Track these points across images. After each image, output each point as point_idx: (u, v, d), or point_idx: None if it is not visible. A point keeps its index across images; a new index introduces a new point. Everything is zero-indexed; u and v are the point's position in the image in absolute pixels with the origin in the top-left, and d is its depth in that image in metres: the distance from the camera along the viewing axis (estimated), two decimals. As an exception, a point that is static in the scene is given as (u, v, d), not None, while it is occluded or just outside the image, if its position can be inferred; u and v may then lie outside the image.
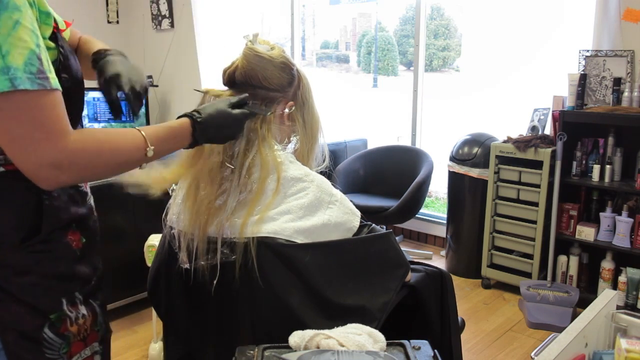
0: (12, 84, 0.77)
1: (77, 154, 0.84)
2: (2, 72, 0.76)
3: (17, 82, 0.77)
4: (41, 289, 0.95)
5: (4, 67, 0.77)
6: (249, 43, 1.28)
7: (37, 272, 0.94)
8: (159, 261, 1.33)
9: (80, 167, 0.85)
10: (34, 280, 0.94)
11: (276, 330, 1.12)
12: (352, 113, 7.05)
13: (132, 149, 0.93)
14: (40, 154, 0.80)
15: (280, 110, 1.30)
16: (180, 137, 1.03)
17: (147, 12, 4.82)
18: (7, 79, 0.76)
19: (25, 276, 0.93)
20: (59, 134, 0.81)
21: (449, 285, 1.46)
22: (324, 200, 1.24)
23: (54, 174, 0.82)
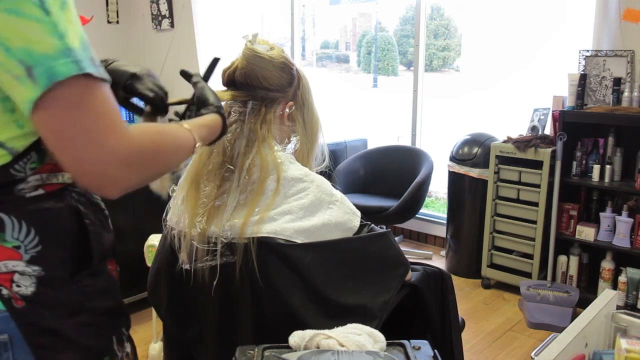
0: (79, 67, 0.66)
1: (144, 147, 0.73)
2: (64, 55, 0.66)
3: (82, 64, 0.67)
4: (94, 329, 0.84)
5: (65, 49, 0.66)
6: (248, 43, 1.28)
7: (89, 310, 0.83)
8: (159, 261, 1.33)
9: (147, 163, 0.75)
10: (87, 320, 0.83)
11: (277, 330, 1.12)
12: (352, 113, 7.05)
13: (185, 147, 0.84)
14: (109, 148, 0.68)
15: (280, 111, 1.30)
16: (216, 127, 0.97)
17: (147, 12, 4.82)
18: (71, 62, 0.66)
19: (77, 316, 0.81)
20: (123, 126, 0.70)
21: (449, 285, 1.46)
22: (324, 200, 1.24)
23: (125, 173, 0.71)
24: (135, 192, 1.03)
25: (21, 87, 0.66)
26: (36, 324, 0.77)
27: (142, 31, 4.84)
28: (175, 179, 1.32)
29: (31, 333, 0.77)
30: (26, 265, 0.77)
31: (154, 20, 4.79)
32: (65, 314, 0.80)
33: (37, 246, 0.78)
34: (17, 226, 0.76)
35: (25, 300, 0.77)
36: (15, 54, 0.65)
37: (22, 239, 0.77)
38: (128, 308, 0.94)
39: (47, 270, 0.78)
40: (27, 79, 0.65)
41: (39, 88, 0.65)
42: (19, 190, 0.77)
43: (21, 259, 0.77)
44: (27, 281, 0.77)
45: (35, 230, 0.77)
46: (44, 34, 0.66)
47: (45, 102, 0.66)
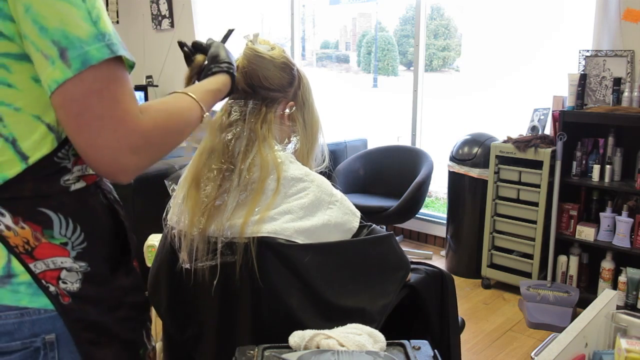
0: (111, 50, 0.69)
1: (151, 132, 0.75)
2: (98, 39, 0.68)
3: (114, 48, 0.69)
4: (132, 322, 0.88)
5: (99, 34, 0.68)
6: (249, 43, 1.29)
7: (126, 304, 0.86)
8: (159, 261, 1.33)
9: (156, 146, 0.77)
10: (125, 314, 0.86)
11: (276, 330, 1.12)
12: (352, 113, 7.05)
13: (193, 119, 0.86)
14: (120, 135, 0.71)
15: (281, 111, 1.30)
16: (223, 94, 1.02)
17: (147, 12, 4.82)
18: (104, 46, 0.68)
19: (117, 311, 0.85)
20: (136, 113, 0.73)
21: (449, 286, 1.46)
22: (325, 200, 1.24)
23: (133, 160, 0.73)
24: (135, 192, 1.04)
25: (51, 68, 0.67)
26: (82, 319, 0.79)
27: (142, 31, 4.84)
28: (175, 179, 1.32)
29: (78, 329, 0.79)
30: (74, 261, 0.79)
31: (154, 20, 4.79)
32: (107, 309, 0.83)
33: (83, 242, 0.80)
34: (64, 223, 0.78)
35: (72, 296, 0.79)
36: (50, 34, 0.67)
37: (69, 236, 0.78)
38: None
39: (92, 266, 0.81)
40: (59, 59, 0.67)
41: (70, 71, 0.67)
42: (64, 181, 0.78)
43: (69, 256, 0.78)
44: (73, 277, 0.79)
45: (80, 227, 0.79)
46: (80, 19, 0.68)
47: (72, 85, 0.68)
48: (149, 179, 2.63)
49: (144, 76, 4.71)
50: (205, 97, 0.91)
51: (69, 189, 0.79)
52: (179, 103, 0.86)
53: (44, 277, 0.76)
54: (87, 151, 0.72)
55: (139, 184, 2.59)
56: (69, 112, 0.69)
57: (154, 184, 2.46)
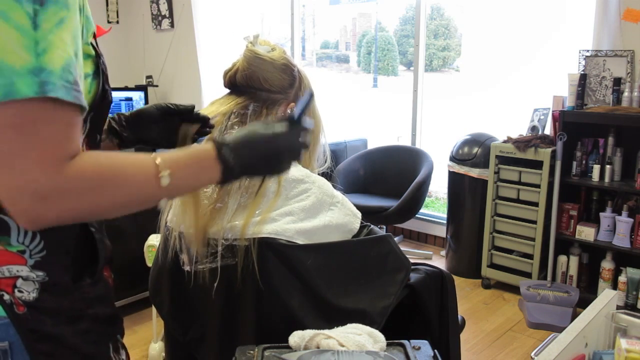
0: (42, 90, 0.62)
1: (71, 182, 0.66)
2: (32, 74, 0.61)
3: (48, 87, 0.62)
4: (94, 335, 0.82)
5: (36, 68, 0.62)
6: (249, 44, 1.28)
7: (89, 317, 0.81)
8: (160, 262, 1.33)
9: (72, 200, 0.67)
10: (87, 327, 0.81)
11: (277, 331, 1.12)
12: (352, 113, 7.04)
13: (140, 176, 0.72)
14: (27, 178, 0.63)
15: (282, 112, 1.30)
16: (204, 161, 0.79)
17: (147, 12, 4.82)
18: (36, 83, 0.62)
19: (78, 323, 0.80)
20: (58, 159, 0.65)
21: (449, 286, 1.46)
22: (326, 201, 1.24)
23: (37, 207, 0.64)
24: None
25: None
26: (37, 330, 0.76)
27: (142, 31, 4.84)
28: None
29: (32, 340, 0.76)
30: (30, 270, 0.76)
31: (154, 20, 4.79)
32: (66, 321, 0.79)
33: (42, 251, 0.76)
34: (22, 230, 0.75)
35: (28, 306, 0.75)
36: None
37: (27, 244, 0.75)
38: (121, 315, 0.93)
39: (51, 276, 0.77)
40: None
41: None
42: None
43: (26, 264, 0.75)
44: (30, 287, 0.76)
45: (40, 235, 0.76)
46: (20, 47, 0.62)
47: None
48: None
49: (144, 76, 4.71)
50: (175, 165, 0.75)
51: None
52: (133, 156, 0.73)
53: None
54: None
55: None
56: None
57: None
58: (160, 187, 0.72)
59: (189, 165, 0.77)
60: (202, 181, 0.81)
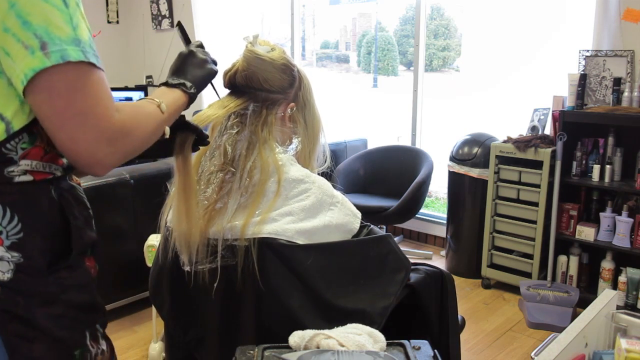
0: (85, 55, 0.74)
1: (125, 126, 0.80)
2: (74, 43, 0.73)
3: (88, 55, 0.75)
4: (68, 320, 0.85)
5: (76, 39, 0.74)
6: (249, 45, 1.28)
7: (63, 301, 0.84)
8: (160, 262, 1.33)
9: (128, 140, 0.81)
10: (60, 311, 0.84)
11: (277, 331, 1.12)
12: (352, 113, 7.04)
13: (152, 109, 0.90)
14: (100, 130, 0.76)
15: (282, 112, 1.30)
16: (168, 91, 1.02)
17: (147, 12, 4.82)
18: (80, 50, 0.74)
19: (51, 306, 0.83)
20: (113, 110, 0.78)
21: (449, 286, 1.46)
22: (326, 201, 1.24)
23: (110, 152, 0.78)
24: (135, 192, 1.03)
25: (30, 57, 0.71)
26: (9, 310, 0.79)
27: (142, 31, 4.84)
28: None
29: (4, 320, 0.79)
30: (6, 250, 0.79)
31: (154, 20, 4.79)
32: (39, 303, 0.81)
33: (19, 233, 0.80)
34: (0, 211, 0.78)
35: (1, 286, 0.78)
36: (33, 28, 0.71)
37: (4, 225, 0.79)
38: (104, 306, 0.95)
39: (26, 258, 0.80)
40: (40, 51, 0.71)
41: (49, 61, 0.71)
42: (8, 172, 0.78)
43: (2, 244, 0.78)
44: (4, 267, 0.79)
45: (18, 218, 0.79)
46: (62, 22, 0.73)
47: (51, 75, 0.72)
48: (149, 179, 2.63)
49: (144, 76, 4.71)
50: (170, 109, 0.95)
51: (12, 180, 0.79)
52: (140, 103, 0.92)
53: None
54: (68, 144, 0.75)
55: (139, 184, 2.59)
56: (48, 106, 0.74)
57: (154, 184, 2.46)
58: (162, 113, 0.91)
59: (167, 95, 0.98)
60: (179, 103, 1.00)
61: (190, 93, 1.04)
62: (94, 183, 2.45)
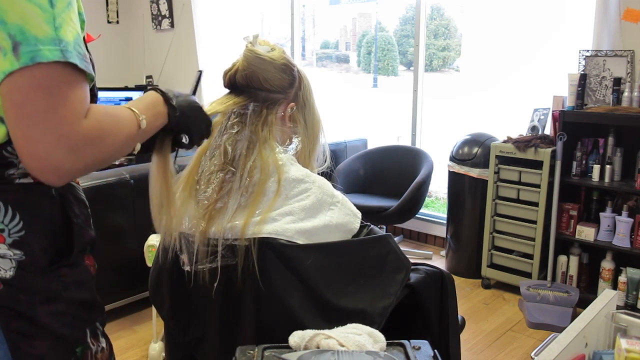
0: (64, 55, 0.70)
1: (92, 133, 0.74)
2: (53, 43, 0.70)
3: (67, 54, 0.71)
4: (69, 318, 0.85)
5: (56, 39, 0.70)
6: (249, 45, 1.28)
7: (65, 298, 0.84)
8: (160, 262, 1.33)
9: (92, 149, 0.75)
10: (62, 308, 0.84)
11: (277, 331, 1.12)
12: (352, 113, 7.04)
13: (129, 124, 0.83)
14: (61, 134, 0.70)
15: (282, 112, 1.30)
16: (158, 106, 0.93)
17: (147, 12, 4.82)
18: (58, 50, 0.70)
19: (52, 303, 0.83)
20: (80, 115, 0.73)
21: (449, 286, 1.46)
22: (326, 201, 1.24)
23: (69, 159, 0.72)
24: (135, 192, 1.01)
25: (2, 59, 0.69)
26: (12, 307, 0.79)
27: (142, 31, 4.84)
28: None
29: (5, 317, 0.79)
30: (8, 248, 0.79)
31: (154, 20, 4.79)
32: (41, 301, 0.82)
33: (21, 231, 0.80)
34: (2, 210, 0.78)
35: (3, 283, 0.79)
36: (7, 27, 0.69)
37: (6, 223, 0.79)
38: (103, 305, 0.96)
39: (28, 255, 0.80)
40: (11, 52, 0.69)
41: (18, 63, 0.68)
42: (9, 175, 0.79)
43: (4, 242, 0.79)
44: (7, 264, 0.79)
45: (20, 216, 0.80)
46: (42, 20, 0.70)
47: (18, 76, 0.69)
48: (149, 179, 2.63)
49: (144, 76, 4.71)
50: (133, 103, 0.89)
51: (13, 181, 0.80)
52: (119, 111, 0.84)
53: None
54: (21, 143, 0.71)
55: (139, 184, 2.59)
56: (11, 101, 0.70)
57: (154, 184, 2.46)
58: (139, 129, 0.85)
59: (150, 110, 0.90)
60: (157, 123, 0.93)
61: (174, 121, 0.95)
62: (94, 183, 2.45)
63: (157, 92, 0.95)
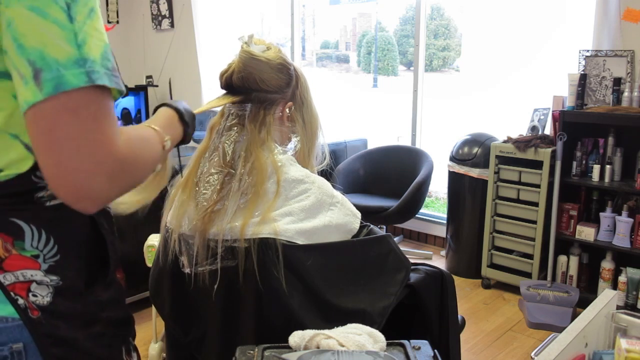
0: (90, 79, 0.64)
1: (127, 158, 0.70)
2: (77, 65, 0.63)
3: (94, 76, 0.64)
4: (107, 339, 0.83)
5: (80, 59, 0.64)
6: (244, 45, 1.27)
7: (102, 320, 0.82)
8: (160, 263, 1.33)
9: (129, 174, 0.71)
10: (100, 330, 0.81)
11: (277, 331, 1.12)
12: (352, 113, 7.05)
13: (156, 146, 0.82)
14: (97, 160, 0.65)
15: (280, 112, 1.29)
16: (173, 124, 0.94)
17: (147, 12, 4.82)
18: (83, 73, 0.64)
19: (92, 326, 0.80)
20: (114, 138, 0.67)
21: (449, 286, 1.46)
22: (326, 202, 1.23)
23: (106, 187, 0.67)
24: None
25: (24, 88, 0.64)
26: (51, 334, 0.76)
27: (142, 31, 4.84)
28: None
29: (45, 344, 0.76)
30: (44, 274, 0.76)
31: (154, 20, 4.79)
32: (80, 325, 0.79)
33: (56, 255, 0.76)
34: (36, 235, 0.75)
35: (42, 310, 0.75)
36: (26, 53, 0.63)
37: (41, 248, 0.75)
38: (134, 317, 0.94)
39: (65, 280, 0.77)
40: (32, 81, 0.63)
41: (41, 94, 0.63)
42: (38, 198, 0.75)
43: (39, 268, 0.75)
44: (44, 291, 0.76)
45: (54, 239, 0.76)
46: (62, 40, 0.64)
47: (43, 105, 0.63)
48: (149, 179, 2.63)
49: (144, 76, 4.71)
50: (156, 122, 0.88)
51: (44, 204, 0.76)
52: (145, 132, 0.83)
53: (14, 289, 0.73)
54: (53, 171, 0.65)
55: (139, 184, 2.59)
56: (38, 128, 0.64)
57: (154, 184, 2.46)
58: (164, 149, 0.85)
59: (171, 129, 0.91)
60: (176, 140, 0.93)
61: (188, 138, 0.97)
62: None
63: (171, 109, 0.94)
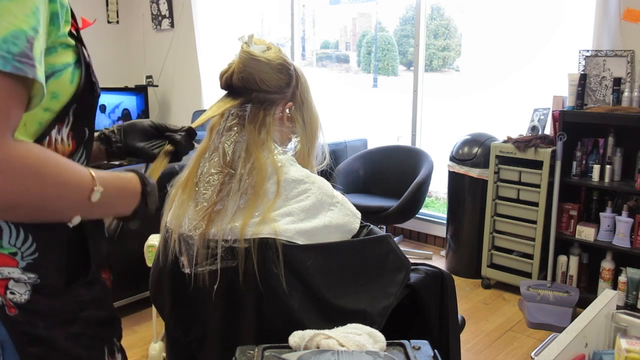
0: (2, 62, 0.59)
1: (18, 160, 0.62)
2: None
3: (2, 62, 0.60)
4: (87, 339, 0.81)
5: None
6: (244, 45, 1.27)
7: (82, 319, 0.81)
8: (161, 263, 1.33)
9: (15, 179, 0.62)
10: (80, 330, 0.80)
11: (277, 331, 1.12)
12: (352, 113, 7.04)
13: (77, 182, 0.70)
14: None
15: (280, 112, 1.29)
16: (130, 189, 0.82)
17: (147, 12, 4.82)
18: None
19: (70, 326, 0.79)
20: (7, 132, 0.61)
21: (449, 286, 1.46)
22: (326, 202, 1.23)
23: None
24: None
25: None
26: (28, 332, 0.76)
27: (142, 31, 4.84)
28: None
29: (22, 342, 0.75)
30: (22, 272, 0.75)
31: (154, 20, 4.79)
32: (58, 324, 0.78)
33: (34, 253, 0.76)
34: (14, 232, 0.74)
35: (19, 308, 0.75)
36: None
37: (19, 246, 0.75)
38: (120, 318, 0.93)
39: (43, 278, 0.76)
40: None
41: None
42: None
43: (17, 266, 0.75)
44: (21, 289, 0.75)
45: (32, 237, 0.75)
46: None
47: None
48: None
49: (144, 76, 4.71)
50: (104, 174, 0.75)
51: None
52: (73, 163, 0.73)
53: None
54: None
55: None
56: None
57: (154, 184, 2.46)
58: (88, 200, 0.71)
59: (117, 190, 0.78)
60: (116, 210, 0.81)
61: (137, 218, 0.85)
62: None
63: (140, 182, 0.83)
